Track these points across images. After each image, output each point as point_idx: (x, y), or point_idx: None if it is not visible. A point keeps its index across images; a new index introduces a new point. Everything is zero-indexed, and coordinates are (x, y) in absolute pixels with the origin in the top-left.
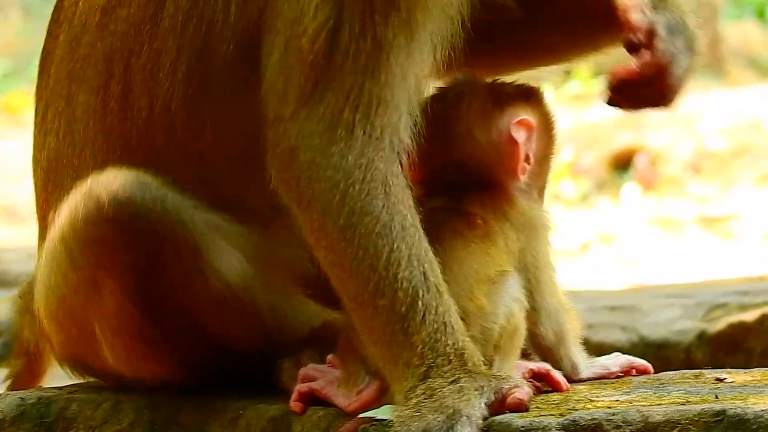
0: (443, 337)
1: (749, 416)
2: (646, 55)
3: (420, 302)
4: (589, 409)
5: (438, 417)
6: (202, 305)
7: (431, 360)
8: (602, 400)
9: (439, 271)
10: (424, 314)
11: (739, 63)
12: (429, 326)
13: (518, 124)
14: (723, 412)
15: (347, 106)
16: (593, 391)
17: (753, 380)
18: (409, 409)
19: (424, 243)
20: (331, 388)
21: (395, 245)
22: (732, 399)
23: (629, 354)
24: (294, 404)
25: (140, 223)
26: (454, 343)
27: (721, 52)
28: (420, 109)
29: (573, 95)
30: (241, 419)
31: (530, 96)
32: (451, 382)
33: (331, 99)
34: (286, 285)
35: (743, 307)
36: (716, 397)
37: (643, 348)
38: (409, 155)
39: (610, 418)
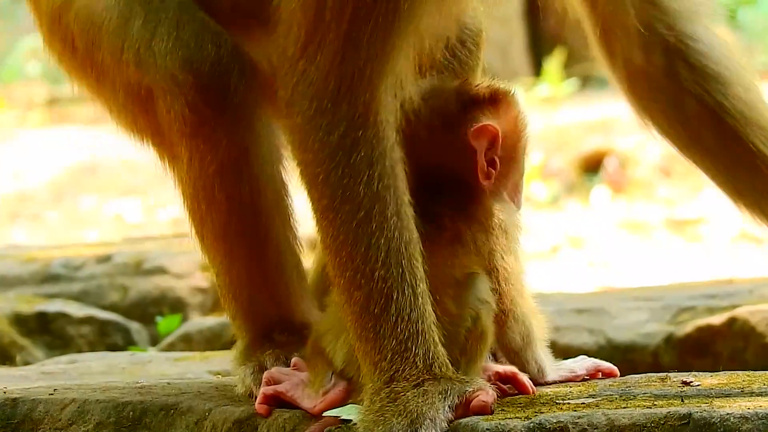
0: (413, 347)
1: (715, 419)
2: None
3: (393, 306)
4: (555, 412)
5: (401, 421)
6: None
7: (399, 366)
8: (568, 403)
9: (420, 268)
10: (396, 320)
11: None
12: (400, 334)
13: (478, 131)
14: (689, 415)
15: (332, 75)
16: (559, 394)
17: (719, 383)
18: (372, 413)
19: (408, 235)
20: (297, 391)
21: (374, 239)
22: (698, 402)
23: (596, 357)
24: (259, 407)
25: None
26: (424, 353)
27: None
28: (407, 95)
29: (543, 98)
30: (206, 421)
31: (498, 99)
32: (415, 386)
33: (321, 61)
34: None
35: (711, 311)
36: (682, 400)
37: (611, 351)
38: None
39: (576, 421)
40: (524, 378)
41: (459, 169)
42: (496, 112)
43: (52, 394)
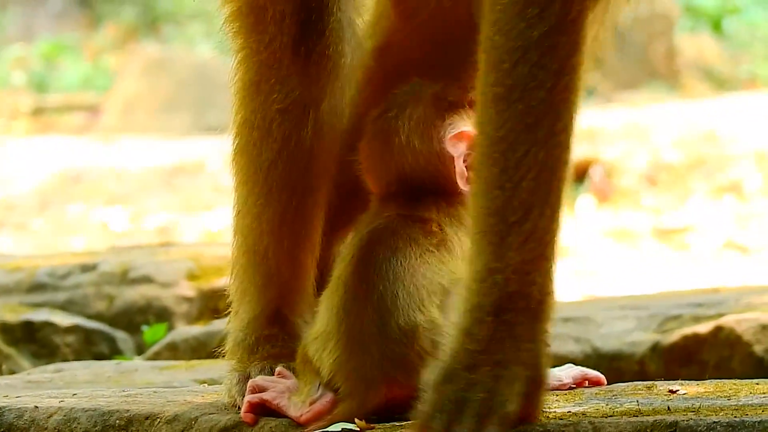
0: (534, 273)
1: (701, 428)
2: None
3: (530, 223)
4: (541, 420)
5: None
6: None
7: (514, 287)
8: (554, 412)
9: (562, 199)
10: (528, 237)
11: (694, 75)
12: (527, 253)
13: (456, 137)
14: (675, 423)
15: None
16: (546, 402)
17: (706, 392)
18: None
19: (565, 158)
20: (282, 399)
21: (534, 148)
22: (684, 411)
23: (582, 365)
24: (245, 415)
25: None
26: (541, 284)
27: (676, 65)
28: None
29: None
30: (192, 430)
31: (473, 106)
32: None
33: None
34: None
35: (697, 319)
36: (669, 408)
37: (597, 359)
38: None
39: (562, 429)
40: None
41: (441, 176)
42: (472, 117)
43: (38, 404)
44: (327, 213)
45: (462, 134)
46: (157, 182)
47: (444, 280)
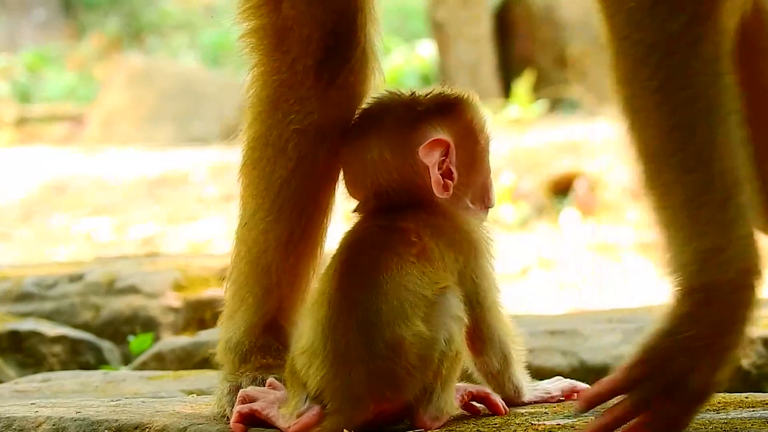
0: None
1: None
2: None
3: (733, 207)
4: None
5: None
6: None
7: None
8: (543, 424)
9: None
10: (735, 219)
11: None
12: (736, 231)
13: (428, 147)
14: None
15: None
16: (534, 415)
17: None
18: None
19: (740, 135)
20: (272, 409)
21: (711, 129)
22: None
23: (569, 378)
24: (234, 425)
25: None
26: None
27: None
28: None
29: (512, 119)
30: None
31: (446, 108)
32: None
33: None
34: None
35: None
36: None
37: (584, 372)
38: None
39: None
40: (497, 398)
41: (417, 186)
42: (446, 122)
43: (26, 413)
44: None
45: (434, 142)
46: (142, 193)
47: (427, 291)
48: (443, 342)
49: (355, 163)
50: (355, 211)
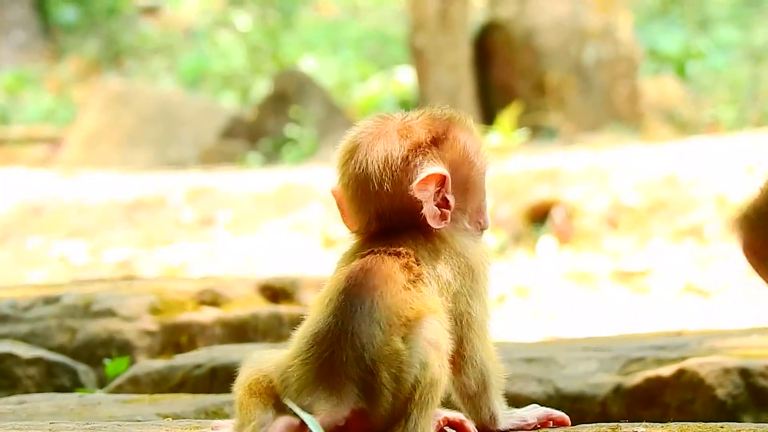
0: None
1: None
2: None
3: None
4: None
5: None
6: None
7: None
8: None
9: None
10: None
11: (657, 118)
12: None
13: (423, 182)
14: None
15: None
16: None
17: None
18: None
19: None
20: None
21: None
22: None
23: (545, 406)
24: None
25: None
26: None
27: (639, 107)
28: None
29: (493, 147)
30: None
31: (440, 135)
32: None
33: None
34: None
35: (660, 362)
36: None
37: (559, 400)
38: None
39: None
40: (471, 426)
41: (418, 212)
42: (439, 151)
43: (14, 421)
44: None
45: (429, 178)
46: (118, 216)
47: (410, 312)
48: (418, 365)
49: (360, 193)
50: (355, 232)
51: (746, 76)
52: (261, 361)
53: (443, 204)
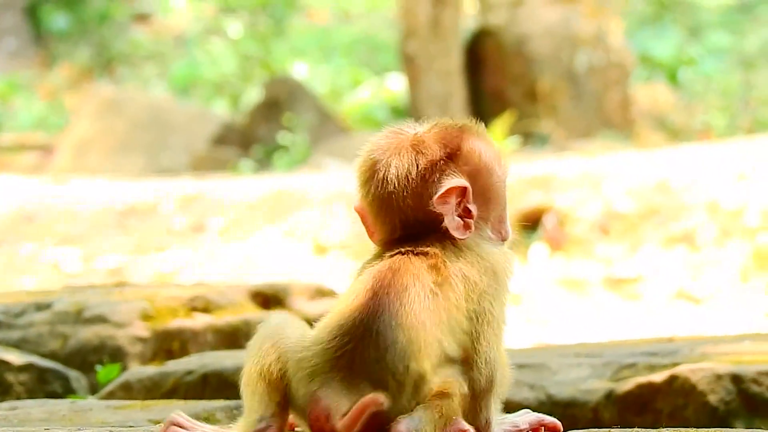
0: None
1: None
2: None
3: None
4: None
5: None
6: None
7: None
8: None
9: None
10: None
11: (649, 125)
12: None
13: (443, 196)
14: None
15: None
16: None
17: None
18: None
19: None
20: None
21: None
22: None
23: (537, 412)
24: None
25: None
26: None
27: (631, 114)
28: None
29: None
30: None
31: (454, 148)
32: None
33: None
34: None
35: (652, 368)
36: None
37: (551, 406)
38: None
39: None
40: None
41: (438, 226)
42: (457, 165)
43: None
44: None
45: (449, 191)
46: (110, 223)
47: (440, 333)
48: (435, 382)
49: (384, 209)
50: (380, 240)
51: (738, 82)
52: (279, 336)
53: (466, 214)
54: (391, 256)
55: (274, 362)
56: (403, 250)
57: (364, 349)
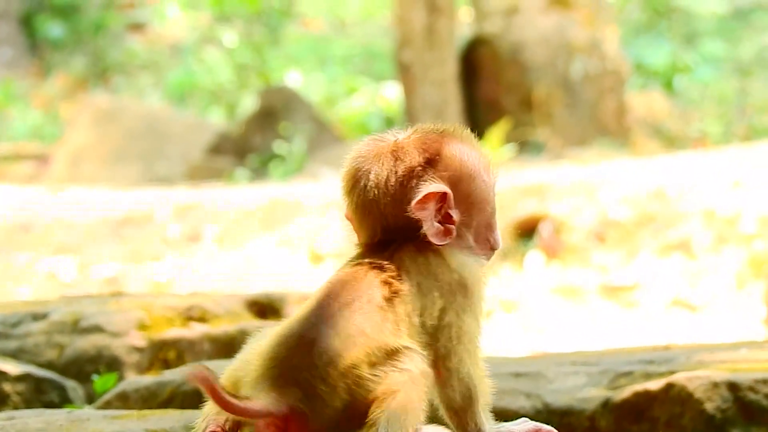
0: None
1: None
2: None
3: None
4: None
5: None
6: None
7: None
8: None
9: None
10: None
11: (644, 132)
12: None
13: (420, 202)
14: None
15: None
16: None
17: None
18: None
19: None
20: None
21: None
22: None
23: (533, 420)
24: None
25: None
26: None
27: (626, 122)
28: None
29: None
30: None
31: (434, 153)
32: None
33: None
34: None
35: (648, 376)
36: None
37: (547, 415)
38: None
39: None
40: None
41: (417, 232)
42: (436, 171)
43: None
44: None
45: (426, 197)
46: (106, 233)
47: (387, 339)
48: (380, 389)
49: (367, 216)
50: (359, 243)
51: (733, 90)
52: (248, 351)
53: (447, 220)
54: (352, 266)
55: (233, 370)
56: (363, 262)
57: (296, 357)
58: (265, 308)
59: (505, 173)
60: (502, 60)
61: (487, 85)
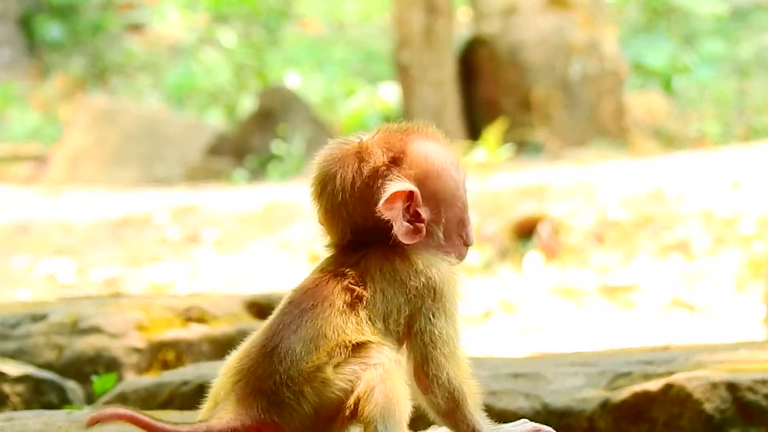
0: None
1: None
2: None
3: None
4: None
5: None
6: None
7: None
8: None
9: None
10: None
11: (643, 133)
12: None
13: (387, 202)
14: None
15: None
16: None
17: None
18: None
19: None
20: None
21: None
22: None
23: (532, 421)
24: None
25: None
26: None
27: (625, 122)
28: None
29: (478, 163)
30: None
31: (398, 152)
32: None
33: None
34: None
35: (647, 377)
36: None
37: (546, 415)
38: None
39: None
40: None
41: (379, 235)
42: (401, 170)
43: None
44: None
45: (393, 196)
46: (104, 234)
47: (348, 339)
48: (347, 390)
49: (336, 219)
50: (329, 245)
51: (732, 90)
52: (222, 367)
53: (416, 218)
54: (317, 274)
55: (215, 389)
56: (326, 269)
57: (258, 367)
58: (264, 309)
59: (504, 174)
60: (501, 61)
61: (485, 86)
